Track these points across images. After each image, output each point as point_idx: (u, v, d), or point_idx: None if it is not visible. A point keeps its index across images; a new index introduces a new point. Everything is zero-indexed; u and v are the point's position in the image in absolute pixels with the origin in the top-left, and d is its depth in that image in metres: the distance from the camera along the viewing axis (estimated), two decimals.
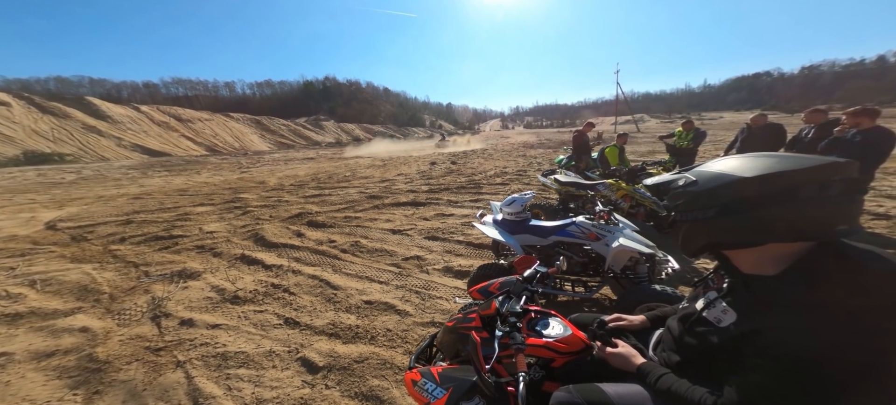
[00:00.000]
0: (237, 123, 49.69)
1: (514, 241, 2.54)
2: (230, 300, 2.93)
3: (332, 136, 59.52)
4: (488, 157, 14.75)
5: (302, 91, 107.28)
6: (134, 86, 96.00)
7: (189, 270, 3.63)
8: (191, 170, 15.87)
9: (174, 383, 1.86)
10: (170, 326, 2.47)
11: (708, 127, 28.35)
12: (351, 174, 11.40)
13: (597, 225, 2.38)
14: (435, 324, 2.55)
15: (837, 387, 0.59)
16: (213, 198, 8.06)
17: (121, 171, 15.92)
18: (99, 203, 7.91)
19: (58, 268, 3.75)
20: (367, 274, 3.45)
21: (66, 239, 5.02)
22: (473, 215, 5.26)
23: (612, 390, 0.87)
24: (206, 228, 5.30)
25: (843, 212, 0.64)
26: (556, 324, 1.10)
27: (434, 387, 1.06)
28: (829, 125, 3.70)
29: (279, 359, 2.12)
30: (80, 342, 2.25)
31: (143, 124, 38.02)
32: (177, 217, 6.14)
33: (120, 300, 2.99)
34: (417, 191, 7.56)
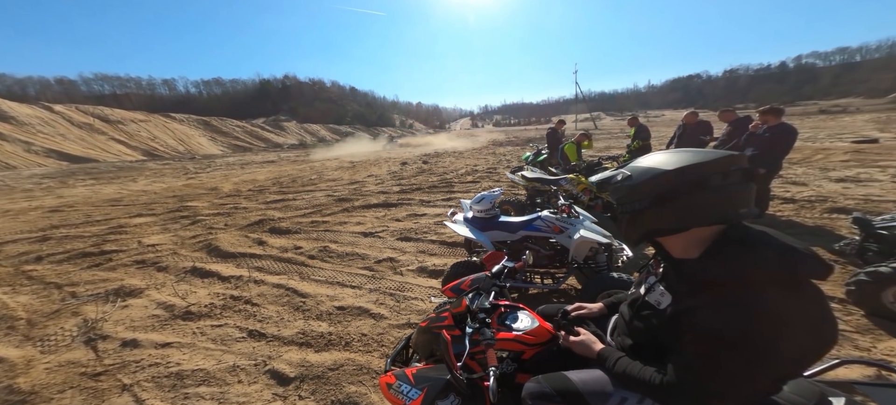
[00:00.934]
0: (180, 124, 45.30)
1: (485, 238, 2.63)
2: (181, 316, 2.71)
3: (295, 137, 56.65)
4: (459, 155, 14.99)
5: (258, 90, 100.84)
6: (43, 82, 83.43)
7: (128, 287, 3.29)
8: (124, 177, 14.21)
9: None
10: (109, 349, 2.23)
11: (653, 124, 31.39)
12: (317, 177, 10.95)
13: (560, 218, 2.53)
14: (411, 325, 2.55)
15: (753, 355, 0.66)
16: (153, 207, 7.30)
17: (32, 181, 13.81)
18: (5, 218, 6.85)
19: None
20: (339, 279, 3.36)
21: None
22: (446, 214, 5.31)
23: (576, 377, 0.93)
24: (146, 241, 4.81)
25: (743, 197, 0.75)
26: (524, 317, 1.14)
27: (409, 389, 1.07)
28: (740, 122, 4.32)
29: (245, 374, 2.00)
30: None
31: (58, 126, 33.28)
32: (109, 230, 5.50)
33: (41, 325, 2.63)
34: (389, 191, 7.47)
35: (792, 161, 7.03)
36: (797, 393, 0.81)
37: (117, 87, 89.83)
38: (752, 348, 0.66)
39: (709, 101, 80.00)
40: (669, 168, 0.77)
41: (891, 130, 11.80)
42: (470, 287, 1.28)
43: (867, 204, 4.20)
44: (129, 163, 25.33)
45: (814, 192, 4.91)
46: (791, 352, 0.68)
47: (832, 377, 1.04)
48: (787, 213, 4.20)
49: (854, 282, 2.12)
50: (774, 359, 0.67)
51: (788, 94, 75.53)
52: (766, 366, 0.68)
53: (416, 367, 1.16)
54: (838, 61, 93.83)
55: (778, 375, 0.74)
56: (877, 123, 14.68)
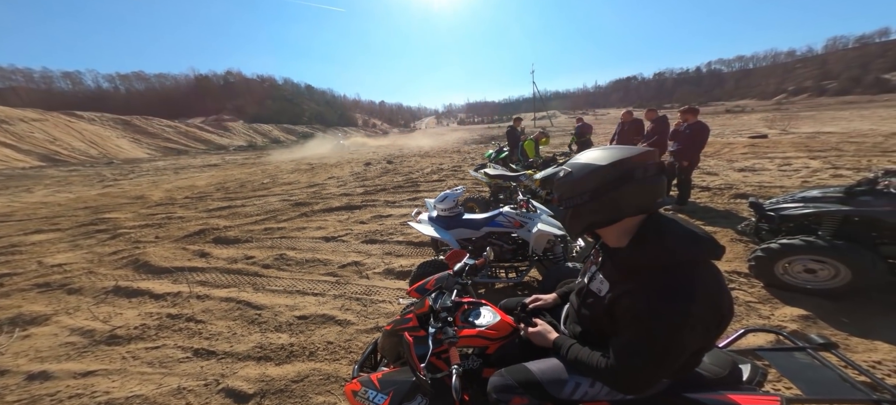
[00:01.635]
0: (90, 124, 38.90)
1: (450, 236, 2.68)
2: (105, 342, 2.39)
3: (243, 138, 51.95)
4: (425, 155, 15.02)
5: (194, 87, 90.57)
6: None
7: (28, 315, 2.81)
8: (15, 187, 11.84)
9: None
10: (10, 384, 1.86)
11: (599, 121, 34.62)
12: (270, 180, 10.19)
13: (520, 213, 2.67)
14: (379, 329, 2.52)
15: (677, 328, 0.73)
16: (58, 221, 6.22)
17: None
18: None
19: None
20: (299, 287, 3.19)
21: None
22: (411, 214, 5.29)
23: (535, 367, 0.97)
24: (49, 261, 4.13)
25: (660, 188, 0.84)
26: (486, 312, 1.17)
27: (375, 394, 1.07)
28: (660, 120, 5.05)
29: (194, 395, 1.82)
30: None
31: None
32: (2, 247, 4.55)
33: None
34: (351, 194, 7.24)
35: (706, 154, 8.17)
36: (715, 363, 0.93)
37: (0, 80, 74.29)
38: (674, 322, 0.73)
39: (644, 101, 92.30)
40: (604, 163, 0.84)
41: (776, 127, 14.21)
42: (434, 286, 1.29)
43: (761, 190, 5.01)
44: (21, 170, 21.00)
45: (723, 180, 5.72)
46: (702, 322, 0.75)
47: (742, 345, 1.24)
48: (704, 200, 4.86)
49: (753, 258, 2.49)
50: (694, 330, 0.74)
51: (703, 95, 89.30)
52: (689, 337, 0.75)
53: (381, 372, 1.16)
54: (737, 67, 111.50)
55: (697, 346, 0.81)
56: (766, 121, 17.37)
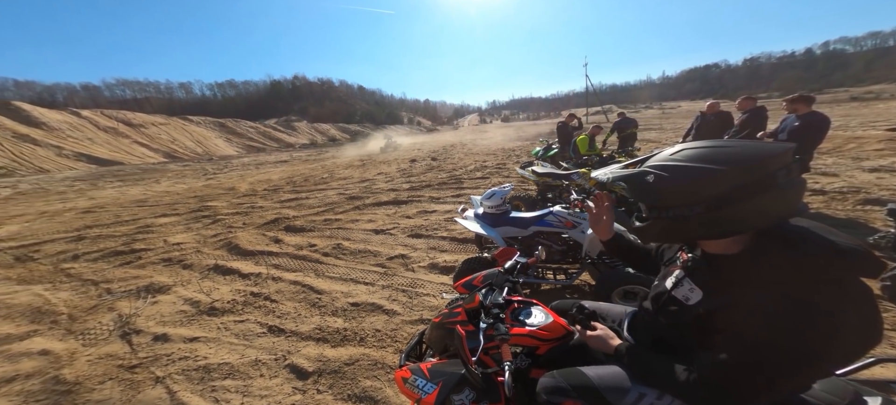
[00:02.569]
0: (198, 127, 46.57)
1: (496, 234, 2.63)
2: (207, 312, 2.84)
3: (306, 136, 57.63)
4: (468, 152, 14.95)
5: (269, 91, 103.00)
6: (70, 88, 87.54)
7: (157, 284, 3.46)
8: (149, 178, 14.78)
9: (156, 399, 1.81)
10: (142, 343, 2.37)
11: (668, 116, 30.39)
12: (328, 175, 11.14)
13: (572, 213, 2.52)
14: (423, 321, 2.60)
15: (799, 357, 0.62)
16: (176, 207, 7.60)
17: (65, 183, 14.53)
18: (42, 219, 7.23)
19: (4, 292, 3.44)
20: (352, 276, 3.44)
21: (8, 260, 4.58)
22: (456, 210, 5.35)
23: (592, 373, 0.90)
24: (171, 240, 5.03)
25: (800, 192, 0.69)
26: (538, 312, 1.14)
27: (424, 383, 1.09)
28: (756, 112, 4.15)
29: (266, 368, 2.10)
30: (42, 365, 2.11)
31: (86, 131, 34.73)
32: (137, 230, 5.76)
33: (81, 320, 2.80)
34: (398, 189, 7.54)
35: (821, 151, 6.74)
36: (829, 391, 0.76)
37: (137, 92, 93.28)
38: (798, 349, 0.61)
39: (729, 91, 76.97)
40: (727, 166, 0.66)
41: None
42: (482, 283, 1.27)
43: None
44: (152, 165, 26.35)
45: (845, 182, 4.70)
46: (838, 353, 0.63)
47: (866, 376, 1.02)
48: (817, 206, 4.05)
49: (890, 277, 2.02)
50: (820, 360, 0.62)
51: (816, 81, 72.56)
52: (811, 368, 0.64)
53: (430, 362, 1.18)
54: (870, 46, 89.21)
55: (820, 377, 0.70)
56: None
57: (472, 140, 23.28)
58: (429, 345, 1.38)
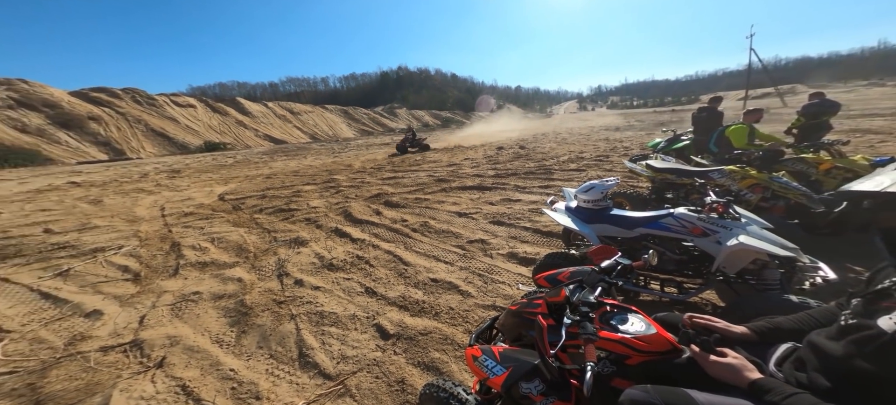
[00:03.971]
0: (331, 114, 56.99)
1: (590, 231, 2.36)
2: (327, 267, 3.51)
3: (404, 122, 63.31)
4: (562, 141, 13.54)
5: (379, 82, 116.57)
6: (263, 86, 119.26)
7: (301, 239, 4.43)
8: (300, 155, 19.08)
9: (288, 332, 2.37)
10: (288, 284, 3.14)
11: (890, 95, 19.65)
12: (421, 159, 12.00)
13: (706, 218, 2.02)
14: (496, 307, 2.59)
15: None
16: (315, 178, 9.58)
17: (258, 156, 20.25)
18: (246, 181, 10.26)
19: (225, 230, 5.06)
20: (435, 253, 3.67)
21: (229, 208, 6.67)
22: (542, 202, 5.02)
23: (704, 399, 0.77)
24: (311, 204, 6.37)
25: None
26: (636, 320, 1.03)
27: (494, 365, 1.10)
28: None
29: (360, 323, 2.49)
30: (236, 289, 3.07)
31: (269, 118, 47.01)
32: (292, 194, 7.53)
33: (259, 258, 3.90)
34: (483, 175, 7.50)
35: None
36: None
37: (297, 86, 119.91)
38: None
39: None
40: None
41: None
42: (570, 279, 1.20)
43: None
44: (303, 144, 33.90)
45: None
46: None
47: None
48: None
49: None
50: None
51: None
52: None
53: (501, 347, 1.18)
54: None
55: None
56: None
57: (568, 129, 21.06)
58: (501, 331, 1.38)
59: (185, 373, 2.01)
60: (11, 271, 3.67)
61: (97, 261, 3.90)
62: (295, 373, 2.00)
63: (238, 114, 43.68)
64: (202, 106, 41.48)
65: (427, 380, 1.92)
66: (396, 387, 1.91)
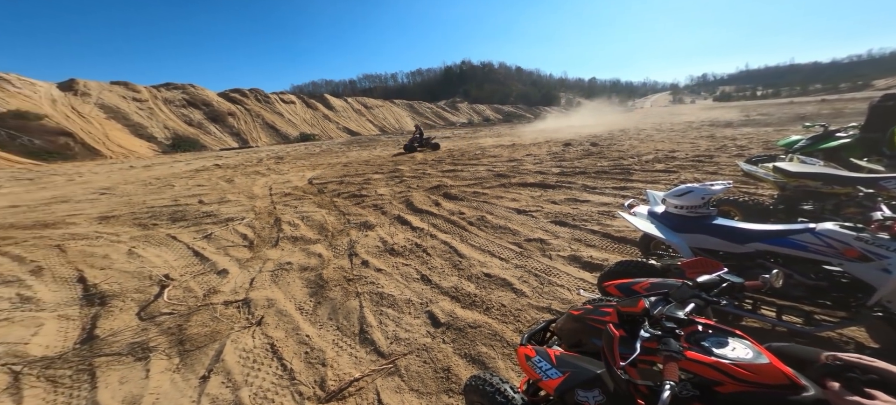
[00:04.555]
0: (398, 108, 60.51)
1: (680, 241, 2.03)
2: (389, 251, 3.78)
3: (465, 116, 63.32)
4: (646, 138, 11.75)
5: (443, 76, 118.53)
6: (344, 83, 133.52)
7: (369, 223, 4.87)
8: (371, 146, 20.83)
9: (353, 308, 2.62)
10: (356, 264, 3.48)
11: None
12: (481, 152, 11.85)
13: (870, 238, 1.56)
14: (551, 310, 2.45)
15: None
16: (383, 168, 10.36)
17: (337, 147, 22.88)
18: (328, 168, 11.71)
19: (312, 210, 5.88)
20: (490, 248, 3.61)
21: (315, 191, 7.72)
22: (616, 204, 4.51)
23: None
24: (378, 191, 6.92)
25: None
26: (740, 346, 0.89)
27: (549, 367, 1.06)
28: None
29: (414, 308, 2.61)
30: (317, 264, 3.55)
31: (348, 112, 52.49)
32: (364, 181, 8.30)
33: (336, 237, 4.42)
34: (547, 172, 7.03)
35: None
36: None
37: (371, 82, 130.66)
38: None
39: None
40: None
41: None
42: (650, 290, 1.12)
43: None
44: (373, 136, 36.88)
45: None
46: None
47: None
48: None
49: None
50: None
51: None
52: None
53: (558, 350, 1.14)
54: None
55: None
56: None
57: (656, 124, 18.36)
58: (558, 335, 1.33)
59: (274, 334, 2.34)
60: (177, 231, 4.95)
61: (228, 228, 4.97)
62: (355, 347, 2.20)
63: (325, 108, 49.96)
64: (300, 102, 48.74)
65: (472, 373, 1.93)
66: (442, 374, 1.95)
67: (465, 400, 1.39)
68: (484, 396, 1.20)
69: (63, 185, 11.00)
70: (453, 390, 1.85)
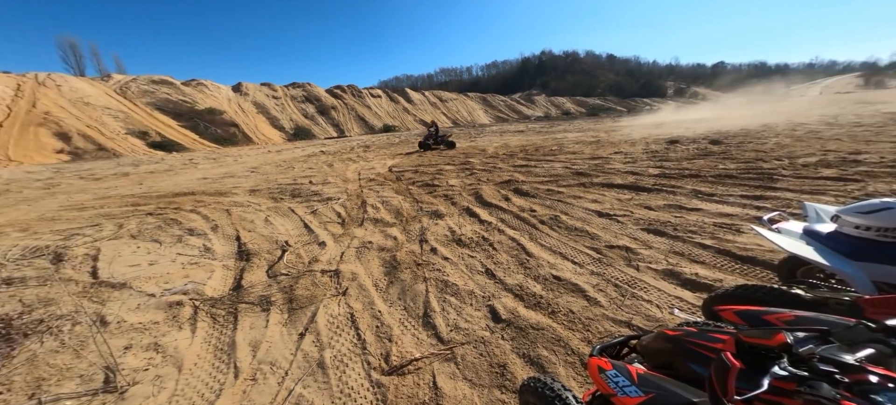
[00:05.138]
0: (471, 101, 60.35)
1: (857, 271, 1.56)
2: (456, 241, 3.90)
3: (542, 109, 59.01)
4: (808, 135, 8.98)
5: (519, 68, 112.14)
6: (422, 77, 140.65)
7: (439, 212, 5.11)
8: None
9: (420, 292, 2.79)
10: (425, 249, 3.71)
11: None
12: (557, 148, 10.91)
13: None
14: (631, 325, 2.17)
15: None
16: (454, 160, 10.59)
17: (414, 137, 24.43)
18: (405, 158, 12.66)
19: (390, 195, 6.50)
20: (562, 250, 3.36)
21: (394, 178, 8.47)
22: (743, 216, 3.69)
23: None
24: (449, 182, 7.15)
25: None
26: None
27: (627, 384, 1.00)
28: None
29: (475, 300, 2.64)
30: (392, 245, 3.93)
31: (424, 105, 55.26)
32: (436, 172, 8.69)
33: (409, 223, 4.80)
34: (641, 173, 6.04)
35: None
36: None
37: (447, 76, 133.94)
38: None
39: None
40: None
41: None
42: (793, 323, 1.00)
43: None
44: (446, 129, 37.87)
45: None
46: None
47: None
48: None
49: None
50: None
51: None
52: None
53: (641, 369, 1.06)
54: None
55: None
56: None
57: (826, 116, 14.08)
58: (640, 352, 1.25)
59: (354, 305, 2.59)
60: (295, 205, 6.16)
61: (328, 206, 5.94)
62: (418, 329, 2.35)
63: (405, 102, 53.90)
64: (385, 96, 53.86)
65: (530, 374, 1.87)
66: (497, 369, 1.93)
67: (520, 399, 1.36)
68: (541, 399, 1.17)
69: (230, 163, 14.92)
70: (506, 387, 1.82)
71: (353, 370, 2.02)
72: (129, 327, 2.50)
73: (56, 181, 11.30)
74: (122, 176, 11.93)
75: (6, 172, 15.10)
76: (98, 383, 1.98)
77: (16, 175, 13.86)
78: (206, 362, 2.14)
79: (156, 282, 3.24)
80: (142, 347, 2.28)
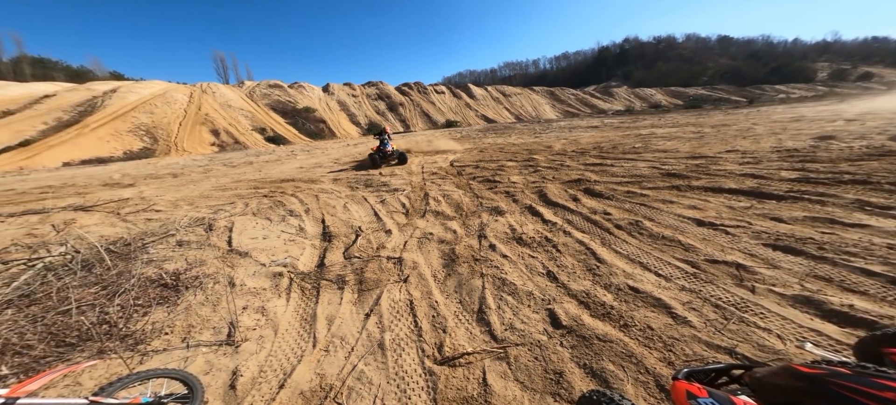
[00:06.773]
0: (536, 95, 56.84)
1: None
2: (516, 240, 3.76)
3: (623, 102, 51.99)
4: None
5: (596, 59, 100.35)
6: (485, 73, 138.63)
7: (500, 208, 4.99)
8: (506, 134, 20.81)
9: (476, 287, 2.78)
10: (484, 245, 3.69)
11: None
12: (642, 146, 9.46)
13: None
14: (734, 353, 1.81)
15: None
16: (516, 156, 10.20)
17: (476, 133, 24.38)
18: (466, 153, 12.75)
19: (451, 189, 6.63)
20: (643, 260, 2.95)
21: (455, 172, 8.60)
22: None
23: None
24: (511, 179, 6.93)
25: None
26: None
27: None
28: None
29: (534, 302, 2.51)
30: (452, 238, 4.01)
31: (487, 100, 54.49)
32: (497, 167, 8.51)
33: (469, 217, 4.83)
34: (767, 176, 4.85)
35: None
36: None
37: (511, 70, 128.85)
38: None
39: None
40: None
41: None
42: None
43: None
44: (509, 124, 36.49)
45: None
46: None
47: None
48: None
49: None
50: None
51: None
52: None
53: (746, 401, 0.94)
54: None
55: None
56: None
57: None
58: (751, 385, 1.07)
59: (413, 293, 2.68)
60: (368, 194, 6.80)
61: (395, 196, 6.41)
62: (472, 324, 2.35)
63: (467, 97, 54.14)
64: (448, 92, 55.11)
65: (591, 387, 1.70)
66: (552, 376, 1.81)
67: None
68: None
69: (319, 155, 17.37)
70: (561, 396, 1.69)
71: (408, 355, 2.13)
72: (247, 291, 2.98)
73: (209, 167, 14.83)
74: (248, 164, 14.99)
75: (181, 160, 20.53)
76: (223, 336, 2.32)
77: (186, 162, 18.72)
78: (293, 329, 2.49)
79: (266, 253, 3.97)
80: (253, 309, 2.61)
